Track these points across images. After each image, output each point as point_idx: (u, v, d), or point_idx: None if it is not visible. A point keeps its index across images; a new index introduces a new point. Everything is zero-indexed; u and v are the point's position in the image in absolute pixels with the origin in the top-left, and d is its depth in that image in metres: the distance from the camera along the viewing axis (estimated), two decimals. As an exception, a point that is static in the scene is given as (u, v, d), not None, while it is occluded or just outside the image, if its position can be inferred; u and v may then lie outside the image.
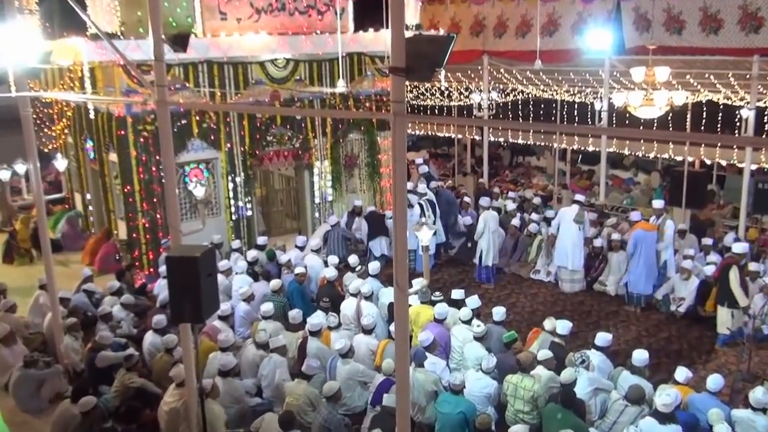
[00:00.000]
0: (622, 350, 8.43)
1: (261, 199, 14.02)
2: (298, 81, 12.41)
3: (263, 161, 12.41)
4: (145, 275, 11.10)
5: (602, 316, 9.72)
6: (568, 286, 10.52)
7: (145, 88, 9.78)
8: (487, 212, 11.13)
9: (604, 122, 13.54)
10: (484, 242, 10.96)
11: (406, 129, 3.78)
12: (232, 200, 11.97)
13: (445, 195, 11.89)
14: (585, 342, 8.52)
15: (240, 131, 11.91)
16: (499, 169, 20.26)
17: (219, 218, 11.95)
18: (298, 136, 12.63)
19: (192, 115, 11.38)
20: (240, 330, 8.72)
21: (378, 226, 11.69)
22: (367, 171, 13.68)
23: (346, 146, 13.38)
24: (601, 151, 14.11)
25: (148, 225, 11.18)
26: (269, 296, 8.98)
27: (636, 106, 9.95)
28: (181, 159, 11.26)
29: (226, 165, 11.84)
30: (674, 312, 9.54)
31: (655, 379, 7.19)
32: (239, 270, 9.76)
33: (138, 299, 9.60)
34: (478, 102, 15.72)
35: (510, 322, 9.07)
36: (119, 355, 7.57)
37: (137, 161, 10.97)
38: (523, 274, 11.29)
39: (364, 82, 13.32)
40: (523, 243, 11.55)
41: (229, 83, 11.59)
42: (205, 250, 4.79)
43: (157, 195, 11.08)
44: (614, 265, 10.43)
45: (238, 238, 11.82)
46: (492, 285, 10.92)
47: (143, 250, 11.25)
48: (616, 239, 10.51)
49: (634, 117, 10.84)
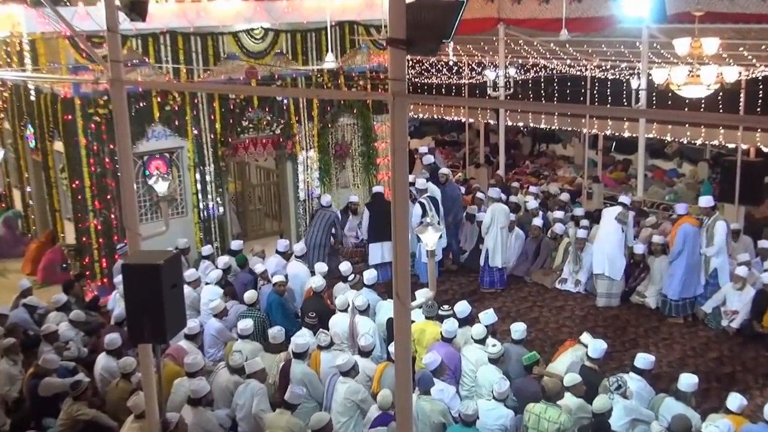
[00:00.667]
0: (664, 374, 8.40)
1: (235, 196, 13.99)
2: (278, 55, 12.36)
3: (238, 151, 12.37)
4: (97, 287, 11.07)
5: (641, 333, 9.69)
6: (604, 301, 10.48)
7: (96, 63, 9.71)
8: (496, 205, 11.13)
9: (642, 103, 13.52)
10: (490, 240, 10.97)
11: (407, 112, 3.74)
12: (201, 197, 11.94)
13: (450, 190, 11.81)
14: (621, 364, 8.48)
15: (210, 115, 11.87)
16: (519, 159, 20.27)
17: (185, 219, 11.91)
18: (279, 120, 12.59)
19: (153, 97, 11.33)
20: (211, 351, 8.69)
21: (383, 224, 10.97)
22: (362, 162, 13.65)
23: (336, 133, 13.34)
24: (638, 137, 14.09)
25: (100, 227, 11.14)
26: (245, 311, 8.95)
27: (680, 84, 9.92)
28: (140, 148, 11.22)
29: (194, 155, 11.81)
30: (726, 328, 9.51)
31: (703, 408, 7.17)
32: (210, 280, 9.73)
33: (89, 315, 9.55)
34: (493, 80, 15.71)
35: (531, 340, 9.02)
36: (66, 381, 7.51)
37: (87, 151, 10.92)
38: (546, 283, 11.27)
39: (357, 56, 13.28)
40: (546, 247, 11.52)
41: (197, 58, 11.54)
42: (169, 257, 4.74)
43: (112, 191, 11.05)
44: (655, 272, 10.40)
45: (208, 242, 11.80)
46: (497, 289, 10.99)
47: (95, 256, 11.21)
48: (658, 242, 10.48)
49: (678, 97, 10.80)
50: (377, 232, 11.12)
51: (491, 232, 10.98)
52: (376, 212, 11.23)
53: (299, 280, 10.03)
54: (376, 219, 11.14)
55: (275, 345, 8.05)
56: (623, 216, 10.44)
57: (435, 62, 18.38)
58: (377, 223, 11.09)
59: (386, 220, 4.57)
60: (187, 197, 11.93)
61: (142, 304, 4.67)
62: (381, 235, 10.98)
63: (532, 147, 21.90)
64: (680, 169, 17.74)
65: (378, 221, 11.06)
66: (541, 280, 11.37)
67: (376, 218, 11.15)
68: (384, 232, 10.71)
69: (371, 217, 11.35)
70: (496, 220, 10.95)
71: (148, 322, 4.67)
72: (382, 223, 10.83)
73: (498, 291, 11.09)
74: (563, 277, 11.17)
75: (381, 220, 10.90)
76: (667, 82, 10.05)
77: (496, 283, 11.11)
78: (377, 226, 11.09)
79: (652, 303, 10.32)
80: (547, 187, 14.82)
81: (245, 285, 9.94)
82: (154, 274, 4.59)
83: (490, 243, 10.98)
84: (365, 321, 8.36)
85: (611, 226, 10.46)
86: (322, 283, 9.36)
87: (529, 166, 19.47)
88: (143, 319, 4.68)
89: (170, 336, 4.94)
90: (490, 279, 11.12)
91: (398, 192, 3.93)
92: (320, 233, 11.45)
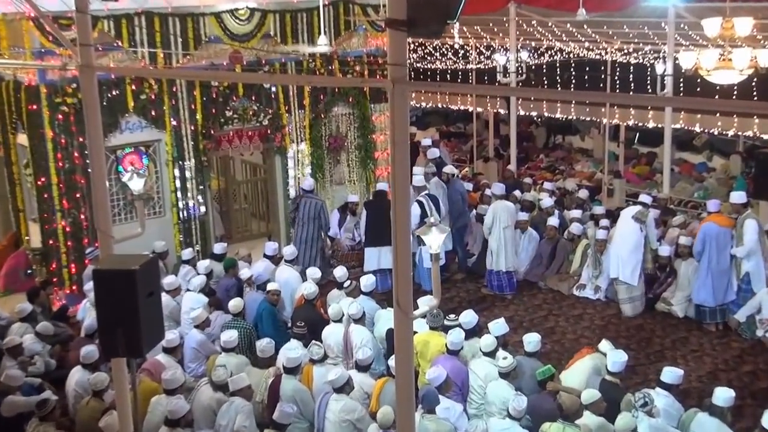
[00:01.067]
0: (693, 389, 8.47)
1: (219, 195, 14.04)
2: (266, 38, 12.42)
3: (221, 144, 12.42)
4: (65, 295, 11.10)
5: (667, 344, 9.76)
6: (629, 308, 10.55)
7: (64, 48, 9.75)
8: (499, 203, 11.21)
9: (668, 90, 13.58)
10: (494, 241, 11.04)
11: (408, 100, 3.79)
12: (181, 196, 11.99)
13: (454, 189, 11.84)
14: (645, 378, 8.54)
15: (190, 105, 11.92)
16: (532, 152, 20.31)
17: (163, 220, 11.96)
18: (267, 110, 12.64)
19: (126, 84, 11.37)
20: (191, 366, 8.73)
21: (382, 226, 10.52)
22: (358, 156, 13.71)
23: (329, 124, 13.40)
24: (664, 128, 14.15)
25: (69, 229, 11.17)
26: (230, 321, 9.00)
27: (709, 69, 9.97)
28: (112, 142, 11.25)
29: (172, 149, 11.86)
30: (761, 338, 9.59)
31: (736, 427, 7.19)
32: (191, 287, 9.79)
33: (57, 327, 9.58)
34: (503, 65, 15.76)
35: (547, 353, 9.09)
36: (32, 400, 7.56)
37: (54, 145, 10.95)
38: (563, 289, 11.34)
39: (353, 39, 13.34)
40: (563, 249, 11.59)
41: (176, 41, 11.59)
42: (145, 262, 4.77)
43: (82, 189, 11.09)
44: (682, 277, 10.48)
45: (188, 245, 11.83)
46: (506, 294, 11.07)
47: (63, 261, 11.25)
48: (685, 244, 10.54)
49: (708, 83, 10.85)
50: (374, 236, 11.05)
51: (494, 233, 11.06)
52: (375, 212, 11.21)
53: (289, 286, 10.08)
54: (375, 220, 11.09)
55: (264, 359, 8.10)
56: (641, 215, 10.51)
57: (439, 45, 18.43)
58: (375, 224, 11.01)
59: (386, 221, 4.69)
60: (165, 196, 11.96)
61: (115, 314, 4.69)
62: (379, 239, 10.90)
63: (546, 139, 21.94)
64: (710, 163, 17.79)
65: (376, 223, 10.97)
66: (557, 285, 11.43)
67: (375, 219, 11.09)
68: (382, 235, 10.36)
69: (369, 218, 11.36)
70: (498, 219, 11.03)
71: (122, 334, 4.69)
72: (381, 225, 10.60)
73: (508, 297, 11.17)
74: (581, 282, 11.24)
75: (380, 221, 10.75)
76: (696, 66, 10.10)
77: (505, 288, 11.20)
78: (375, 229, 11.01)
79: (680, 311, 10.40)
80: (563, 183, 14.85)
81: (227, 291, 10.01)
82: (128, 280, 4.62)
83: (494, 244, 11.07)
84: (361, 331, 8.41)
85: (629, 227, 10.54)
86: (315, 290, 9.39)
87: (544, 160, 19.51)
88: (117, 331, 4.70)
89: (147, 349, 4.97)
90: (499, 283, 11.20)
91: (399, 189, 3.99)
92: (309, 226, 11.50)
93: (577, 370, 7.80)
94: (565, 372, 7.95)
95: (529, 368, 7.75)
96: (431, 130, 21.70)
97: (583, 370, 7.72)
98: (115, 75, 11.14)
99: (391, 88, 3.71)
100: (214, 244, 11.60)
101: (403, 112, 3.78)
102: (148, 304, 4.76)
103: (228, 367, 7.78)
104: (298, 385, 7.62)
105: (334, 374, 7.25)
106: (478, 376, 7.67)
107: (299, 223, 11.63)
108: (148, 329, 4.75)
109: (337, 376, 7.21)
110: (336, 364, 8.47)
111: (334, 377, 7.21)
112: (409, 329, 4.21)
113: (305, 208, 11.63)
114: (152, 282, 4.87)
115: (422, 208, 10.80)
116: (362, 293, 9.33)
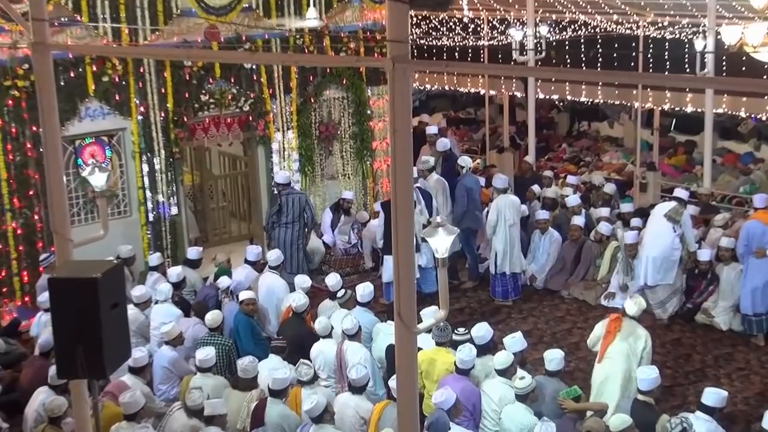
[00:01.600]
0: (739, 413, 8.45)
1: (193, 191, 13.99)
2: (246, 11, 12.37)
3: (195, 133, 12.38)
4: (16, 307, 11.04)
5: (709, 361, 9.74)
6: (660, 310, 10.59)
7: (14, 23, 9.68)
8: (502, 197, 11.23)
9: (709, 70, 13.54)
10: (499, 241, 11.08)
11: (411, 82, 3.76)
12: (150, 193, 11.95)
13: (463, 182, 11.81)
14: (684, 401, 8.52)
15: (159, 88, 11.88)
16: (553, 141, 20.29)
17: (129, 220, 11.93)
18: (248, 94, 12.60)
19: (87, 65, 11.32)
20: (162, 388, 8.71)
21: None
22: (353, 147, 13.66)
23: (320, 109, 13.36)
24: (705, 113, 14.11)
25: (21, 231, 11.13)
26: (207, 336, 8.96)
27: (756, 45, 9.93)
28: (70, 131, 11.21)
29: (139, 139, 11.82)
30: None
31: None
32: (161, 297, 9.74)
33: (7, 344, 9.55)
34: (520, 41, 15.69)
35: (571, 372, 9.06)
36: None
37: (3, 134, 10.92)
38: (589, 299, 11.31)
39: (347, 11, 13.29)
40: (589, 252, 11.56)
41: (143, 15, 11.55)
42: (109, 269, 4.78)
43: (35, 185, 11.05)
44: (724, 284, 10.45)
45: (158, 249, 11.80)
46: (509, 301, 11.14)
47: (14, 268, 11.20)
48: (726, 246, 10.48)
49: (754, 61, 10.81)
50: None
51: (499, 232, 11.07)
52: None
53: (275, 296, 10.05)
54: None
55: (245, 380, 8.04)
56: (675, 213, 10.48)
57: (446, 19, 18.39)
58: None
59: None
60: (132, 193, 11.92)
61: (74, 330, 4.67)
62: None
63: (569, 126, 21.90)
64: (758, 153, 17.74)
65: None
66: (582, 294, 11.41)
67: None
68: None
69: (387, 221, 11.39)
70: (503, 216, 11.06)
71: (82, 351, 4.69)
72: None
73: (524, 307, 11.16)
74: (610, 290, 11.19)
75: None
76: (741, 42, 10.07)
77: (510, 293, 11.23)
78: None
79: (723, 323, 10.38)
80: (589, 177, 14.81)
81: (206, 301, 10.00)
82: (89, 290, 4.62)
83: (499, 245, 11.07)
84: (356, 348, 8.36)
85: (661, 227, 10.52)
86: (305, 302, 9.36)
87: (567, 150, 19.48)
88: (76, 349, 4.69)
89: (110, 369, 4.98)
90: (504, 288, 11.19)
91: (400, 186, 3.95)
92: (294, 226, 11.46)
93: (610, 369, 7.88)
94: (597, 366, 8.09)
95: (550, 390, 7.72)
96: (437, 116, 21.63)
97: (615, 372, 7.79)
98: (73, 54, 11.08)
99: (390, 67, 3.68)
100: (188, 249, 11.56)
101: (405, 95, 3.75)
102: (112, 317, 4.76)
103: (204, 390, 7.73)
104: (285, 411, 7.58)
105: (310, 402, 7.17)
106: (492, 398, 7.64)
107: (282, 224, 11.57)
108: (112, 346, 4.75)
109: (313, 405, 7.13)
110: (328, 386, 8.43)
111: (310, 406, 7.14)
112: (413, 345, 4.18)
113: (289, 206, 11.60)
114: (117, 292, 4.88)
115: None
116: (358, 304, 9.28)
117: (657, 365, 8.18)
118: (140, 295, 9.61)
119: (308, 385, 7.88)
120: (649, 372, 7.52)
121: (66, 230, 5.84)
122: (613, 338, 8.06)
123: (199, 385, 7.86)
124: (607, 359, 8.06)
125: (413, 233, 4.15)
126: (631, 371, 7.84)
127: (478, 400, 7.65)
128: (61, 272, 4.96)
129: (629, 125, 19.18)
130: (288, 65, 12.81)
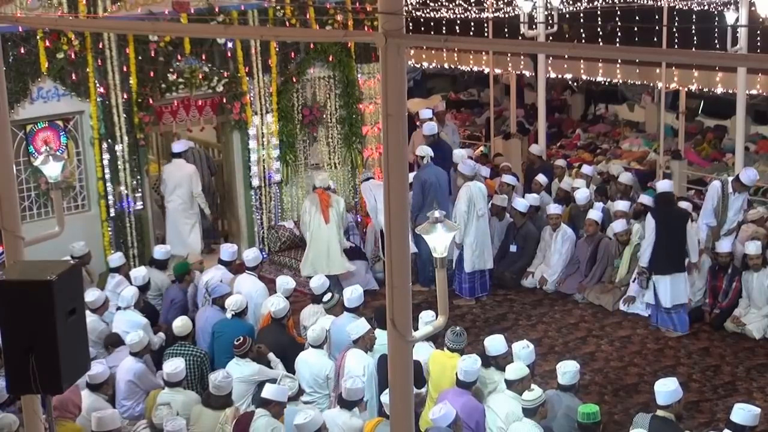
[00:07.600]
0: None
1: (159, 183, 13.94)
2: (219, -21, 12.36)
3: (162, 117, 12.38)
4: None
5: (740, 374, 9.76)
6: None
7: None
8: (470, 185, 11.34)
9: (742, 46, 13.56)
10: (471, 234, 11.24)
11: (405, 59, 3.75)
12: (111, 184, 11.93)
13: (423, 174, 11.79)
14: (712, 418, 8.55)
15: (121, 66, 11.86)
16: (566, 126, 20.34)
17: (88, 215, 11.93)
18: (222, 73, 12.58)
19: (39, 40, 11.28)
20: (126, 405, 8.70)
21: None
22: (341, 132, 13.65)
23: (303, 90, 13.35)
24: (737, 94, 14.13)
25: (-34, 228, 11.10)
26: (176, 347, 8.97)
27: (795, 18, 9.94)
28: (21, 115, 11.22)
29: (99, 124, 11.79)
30: None
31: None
32: (123, 304, 9.72)
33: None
34: (528, 13, 15.70)
35: (587, 385, 9.06)
36: None
37: (-54, 119, 10.89)
38: (606, 303, 11.32)
39: (334, -21, 13.27)
40: (606, 251, 11.58)
41: (103, -16, 11.52)
42: (65, 271, 4.81)
43: (-18, 176, 11.00)
44: (755, 288, 10.49)
45: (121, 248, 11.79)
46: (472, 300, 11.33)
47: (-42, 270, 11.17)
48: (756, 253, 10.42)
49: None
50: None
51: (471, 223, 11.20)
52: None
53: (253, 300, 10.04)
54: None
55: (219, 397, 8.01)
56: None
57: (445, -11, 18.39)
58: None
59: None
60: (91, 184, 11.92)
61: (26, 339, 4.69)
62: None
63: (585, 109, 21.96)
64: (796, 140, 17.84)
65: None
66: (598, 299, 11.42)
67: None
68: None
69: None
70: (474, 205, 11.20)
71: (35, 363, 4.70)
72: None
73: (481, 299, 11.40)
74: (630, 294, 11.21)
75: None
76: (777, 15, 10.07)
77: (478, 290, 11.41)
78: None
79: (756, 331, 10.40)
80: (606, 167, 14.81)
81: (174, 303, 10.05)
82: (43, 294, 4.64)
83: (470, 238, 11.21)
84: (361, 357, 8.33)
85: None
86: (285, 306, 9.38)
87: (581, 136, 19.52)
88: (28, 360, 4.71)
89: (67, 383, 4.98)
90: (471, 285, 11.37)
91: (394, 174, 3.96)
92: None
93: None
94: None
95: (563, 405, 7.72)
96: (435, 98, 21.62)
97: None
98: (23, 27, 11.00)
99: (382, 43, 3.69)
100: (155, 247, 11.57)
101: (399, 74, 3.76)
102: (69, 325, 4.79)
103: (174, 406, 7.75)
104: (272, 422, 7.57)
105: (303, 417, 7.16)
106: (498, 415, 7.66)
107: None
108: (68, 357, 4.78)
109: (307, 420, 7.11)
110: (313, 401, 8.42)
111: (303, 421, 7.12)
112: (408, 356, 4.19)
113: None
114: (74, 296, 4.91)
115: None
116: (346, 309, 9.28)
117: (682, 377, 8.27)
118: (94, 300, 9.53)
119: (292, 401, 7.91)
120: (666, 384, 7.47)
121: (16, 227, 5.84)
122: None
123: (168, 401, 7.87)
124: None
125: (408, 228, 4.15)
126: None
127: (481, 417, 7.68)
128: (11, 274, 4.96)
129: (651, 108, 19.24)
130: (267, 40, 12.78)
